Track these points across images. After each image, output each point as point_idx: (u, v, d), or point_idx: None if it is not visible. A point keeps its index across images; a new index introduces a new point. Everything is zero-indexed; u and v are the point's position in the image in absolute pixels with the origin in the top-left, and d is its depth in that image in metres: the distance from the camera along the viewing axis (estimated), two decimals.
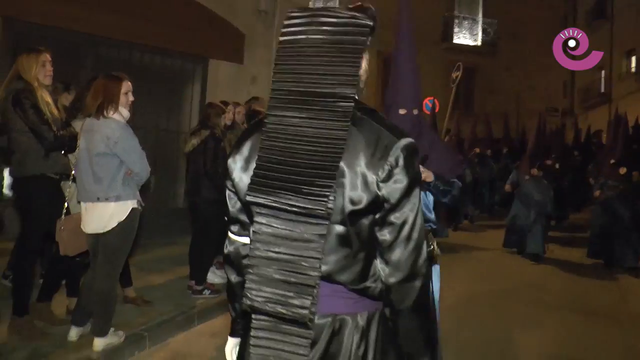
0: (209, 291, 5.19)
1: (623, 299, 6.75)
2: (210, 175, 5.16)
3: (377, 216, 1.53)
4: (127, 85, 3.96)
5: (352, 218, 1.52)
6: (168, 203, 7.93)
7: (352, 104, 1.49)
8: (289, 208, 1.47)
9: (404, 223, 1.52)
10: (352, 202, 1.50)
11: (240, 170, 1.61)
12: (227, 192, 1.70)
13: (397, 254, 1.53)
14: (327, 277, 1.58)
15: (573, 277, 7.70)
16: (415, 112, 3.15)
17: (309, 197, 1.45)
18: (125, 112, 3.91)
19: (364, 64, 1.71)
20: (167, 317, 4.57)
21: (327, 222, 1.48)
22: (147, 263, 6.23)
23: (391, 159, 1.49)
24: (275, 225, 1.52)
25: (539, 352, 4.77)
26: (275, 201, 1.48)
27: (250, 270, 1.54)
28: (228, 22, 8.22)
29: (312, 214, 1.47)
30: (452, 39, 18.84)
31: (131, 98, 3.98)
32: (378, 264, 1.56)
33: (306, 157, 1.47)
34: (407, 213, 1.52)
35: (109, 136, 3.71)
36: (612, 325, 5.65)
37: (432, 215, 3.20)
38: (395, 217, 1.52)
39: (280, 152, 1.50)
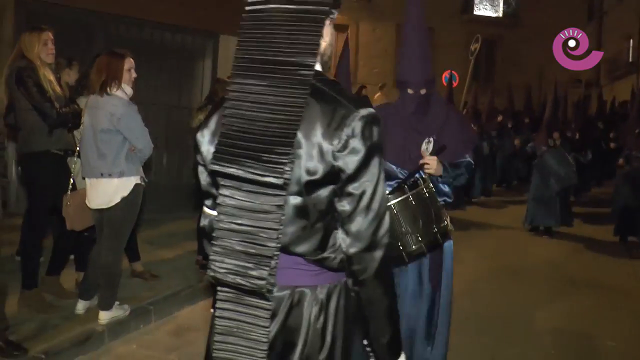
0: None
1: (637, 275, 6.63)
2: None
3: (335, 187, 1.52)
4: (129, 62, 3.98)
5: (308, 189, 1.52)
6: (179, 178, 8.00)
7: (312, 72, 1.49)
8: (249, 177, 1.48)
9: (362, 193, 1.51)
10: (309, 173, 1.50)
11: (208, 144, 1.62)
12: (198, 166, 1.71)
13: (357, 224, 1.52)
14: (286, 249, 1.60)
15: (592, 254, 7.52)
16: (423, 91, 3.09)
17: (267, 165, 1.46)
18: (128, 89, 3.94)
19: (329, 38, 1.70)
20: (173, 291, 4.66)
21: (284, 193, 1.49)
22: (156, 238, 6.32)
23: (347, 129, 1.48)
24: (238, 197, 1.54)
25: (548, 326, 4.74)
26: (237, 169, 1.49)
27: (215, 242, 1.57)
28: None
29: (270, 183, 1.47)
30: (472, 11, 18.42)
31: (134, 75, 4.01)
32: (339, 234, 1.57)
33: (266, 125, 1.48)
34: (365, 183, 1.51)
35: (113, 113, 3.75)
36: (623, 301, 5.58)
37: (446, 189, 3.14)
38: (353, 188, 1.51)
39: (242, 120, 1.50)
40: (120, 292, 4.44)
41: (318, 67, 1.64)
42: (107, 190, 3.80)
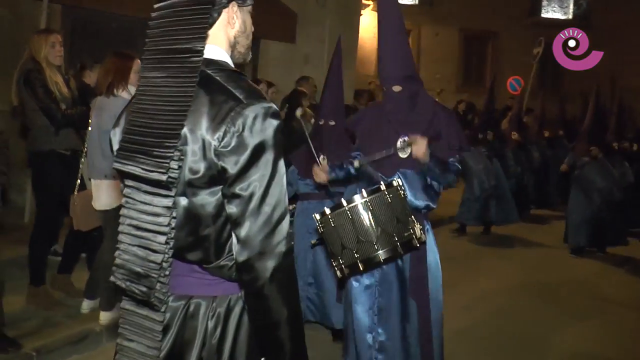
0: None
1: None
2: None
3: (222, 188, 1.40)
4: (137, 64, 3.99)
5: (193, 189, 1.41)
6: None
7: (200, 58, 1.39)
8: (140, 174, 1.39)
9: (251, 195, 1.37)
10: (191, 171, 1.39)
11: (118, 142, 1.56)
12: None
13: (245, 229, 1.38)
14: (179, 255, 1.48)
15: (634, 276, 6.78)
16: (397, 88, 2.95)
17: (156, 160, 1.37)
18: (134, 91, 3.95)
19: (238, 24, 1.59)
20: None
21: (172, 193, 1.39)
22: None
23: (233, 123, 1.35)
24: (136, 198, 1.46)
25: (574, 350, 4.36)
26: (133, 166, 1.41)
27: (117, 246, 1.49)
28: (279, 1, 8.13)
29: (155, 180, 1.38)
30: (540, 13, 17.56)
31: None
32: (233, 240, 1.43)
33: (159, 117, 1.40)
34: (254, 184, 1.37)
35: (117, 114, 3.76)
36: None
37: (420, 200, 2.96)
38: (240, 189, 1.37)
39: (143, 114, 1.44)
40: None
41: (222, 55, 1.53)
42: (111, 192, 3.82)
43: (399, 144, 2.92)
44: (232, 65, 1.54)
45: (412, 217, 2.68)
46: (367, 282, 2.97)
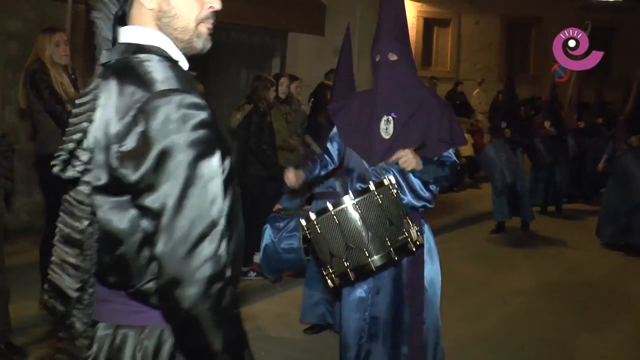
0: (254, 272, 5.01)
1: None
2: (254, 152, 4.93)
3: (131, 198, 1.17)
4: None
5: (100, 200, 1.20)
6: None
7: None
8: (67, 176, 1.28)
9: (162, 207, 1.12)
10: (95, 178, 1.19)
11: None
12: None
13: (159, 248, 1.14)
14: (101, 277, 1.26)
15: None
16: (393, 57, 2.74)
17: (74, 161, 1.24)
18: None
19: None
20: None
21: (87, 203, 1.24)
22: None
23: (138, 119, 1.12)
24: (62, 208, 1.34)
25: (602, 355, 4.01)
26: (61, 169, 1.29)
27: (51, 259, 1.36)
28: None
29: (73, 180, 1.26)
30: None
31: None
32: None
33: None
34: (165, 194, 1.12)
35: None
36: None
37: (426, 194, 2.71)
38: (150, 200, 1.13)
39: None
40: None
41: (156, 40, 1.28)
42: None
43: (382, 124, 2.72)
44: (173, 52, 1.30)
45: (407, 218, 2.43)
46: (360, 290, 2.74)
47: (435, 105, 2.78)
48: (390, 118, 2.70)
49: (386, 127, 2.71)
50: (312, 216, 2.37)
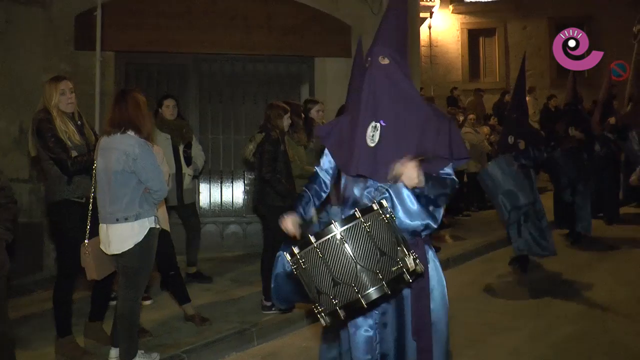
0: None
1: None
2: (269, 182, 4.81)
3: None
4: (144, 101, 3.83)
5: None
6: None
7: None
8: None
9: None
10: None
11: None
12: None
13: None
14: None
15: None
16: (385, 61, 2.51)
17: None
18: None
19: None
20: (219, 337, 4.34)
21: None
22: (242, 275, 6.14)
23: None
24: None
25: None
26: None
27: None
28: (330, 15, 7.80)
29: None
30: None
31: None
32: None
33: None
34: None
35: (128, 153, 3.58)
36: None
37: (416, 219, 2.39)
38: None
39: None
40: (165, 338, 4.30)
41: None
42: (121, 235, 3.63)
43: (369, 130, 2.46)
44: None
45: (402, 245, 2.17)
46: (366, 326, 2.46)
47: (432, 116, 2.50)
48: (378, 125, 2.45)
49: (372, 134, 2.45)
50: (295, 250, 2.17)
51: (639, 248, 6.95)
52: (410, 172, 2.28)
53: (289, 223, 2.64)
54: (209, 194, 7.49)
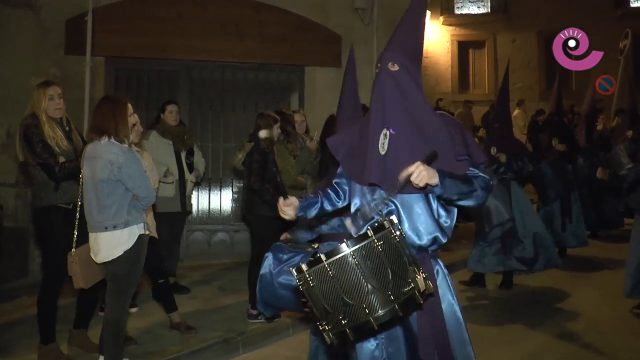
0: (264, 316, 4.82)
1: None
2: (257, 191, 4.81)
3: None
4: (130, 108, 3.82)
5: None
6: None
7: None
8: None
9: None
10: None
11: None
12: None
13: None
14: None
15: None
16: (394, 67, 2.44)
17: None
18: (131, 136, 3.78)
19: None
20: (204, 345, 4.32)
21: None
22: (230, 284, 6.12)
23: None
24: None
25: None
26: None
27: None
28: (321, 25, 7.85)
29: None
30: (628, 3, 15.97)
31: (133, 121, 3.84)
32: None
33: None
34: None
35: (112, 162, 3.57)
36: None
37: (425, 235, 2.37)
38: None
39: None
40: (150, 346, 4.28)
41: None
42: (110, 243, 3.61)
43: (381, 138, 2.40)
44: None
45: (414, 264, 2.13)
46: (371, 342, 2.38)
47: (442, 124, 2.43)
48: (388, 133, 2.39)
49: (383, 142, 2.40)
50: (304, 267, 2.08)
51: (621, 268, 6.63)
52: (417, 171, 2.20)
53: (289, 206, 2.62)
54: (197, 202, 7.46)
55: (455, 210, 2.51)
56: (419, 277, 2.10)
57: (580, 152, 7.98)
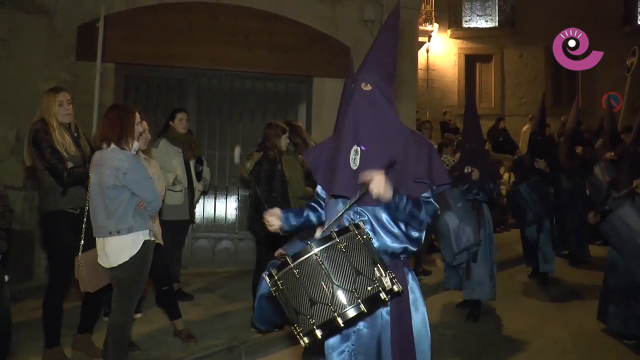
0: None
1: None
2: (265, 201, 4.83)
3: None
4: (138, 117, 3.86)
5: None
6: None
7: None
8: None
9: None
10: None
11: None
12: None
13: None
14: None
15: None
16: (367, 87, 2.52)
17: None
18: (135, 143, 3.81)
19: None
20: (207, 353, 4.33)
21: None
22: (233, 292, 6.13)
23: None
24: None
25: None
26: None
27: None
28: (331, 36, 7.90)
29: None
30: (636, 20, 16.02)
31: (140, 129, 3.88)
32: None
33: None
34: None
35: (118, 168, 3.60)
36: None
37: (395, 242, 2.43)
38: None
39: None
40: (153, 352, 4.28)
41: None
42: (116, 248, 3.64)
43: (352, 154, 2.50)
44: None
45: (379, 265, 2.21)
46: (341, 348, 2.45)
47: (411, 141, 2.53)
48: (359, 149, 2.49)
49: (354, 158, 2.50)
50: (274, 272, 2.20)
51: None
52: (377, 179, 2.28)
53: (272, 216, 2.74)
54: (202, 209, 7.49)
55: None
56: (384, 277, 2.18)
57: (565, 173, 7.71)
